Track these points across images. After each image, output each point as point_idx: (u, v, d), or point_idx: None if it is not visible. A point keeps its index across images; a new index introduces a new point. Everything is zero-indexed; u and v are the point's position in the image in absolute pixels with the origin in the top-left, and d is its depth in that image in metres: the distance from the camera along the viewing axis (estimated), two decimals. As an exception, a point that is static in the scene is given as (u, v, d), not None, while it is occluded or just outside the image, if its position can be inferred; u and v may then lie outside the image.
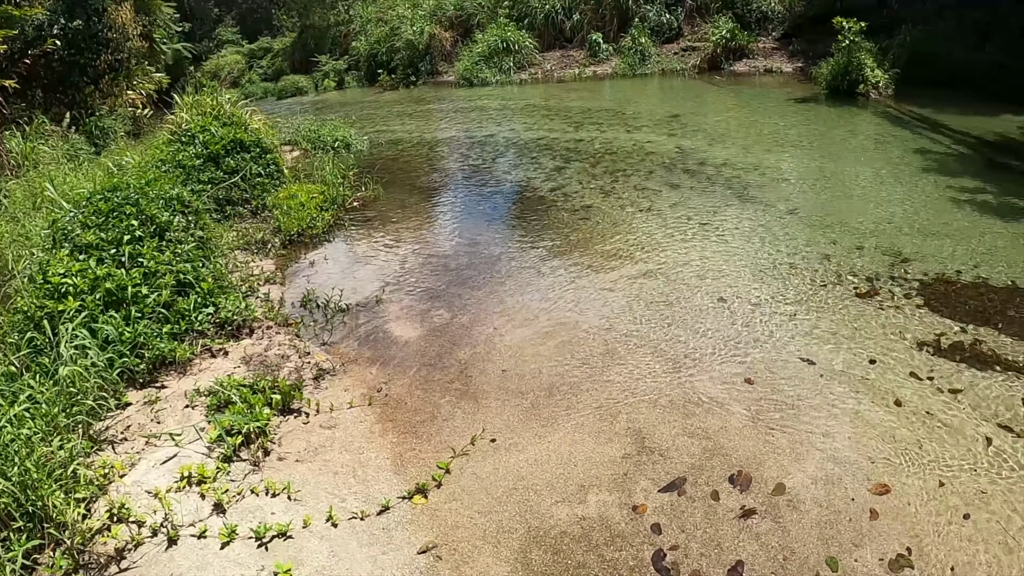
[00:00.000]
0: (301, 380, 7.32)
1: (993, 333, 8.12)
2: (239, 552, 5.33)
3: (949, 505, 5.79)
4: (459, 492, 6.00)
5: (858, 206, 12.37)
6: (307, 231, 11.75)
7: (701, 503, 5.86)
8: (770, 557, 5.37)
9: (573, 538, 5.54)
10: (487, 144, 17.64)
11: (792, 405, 6.94)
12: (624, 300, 9.21)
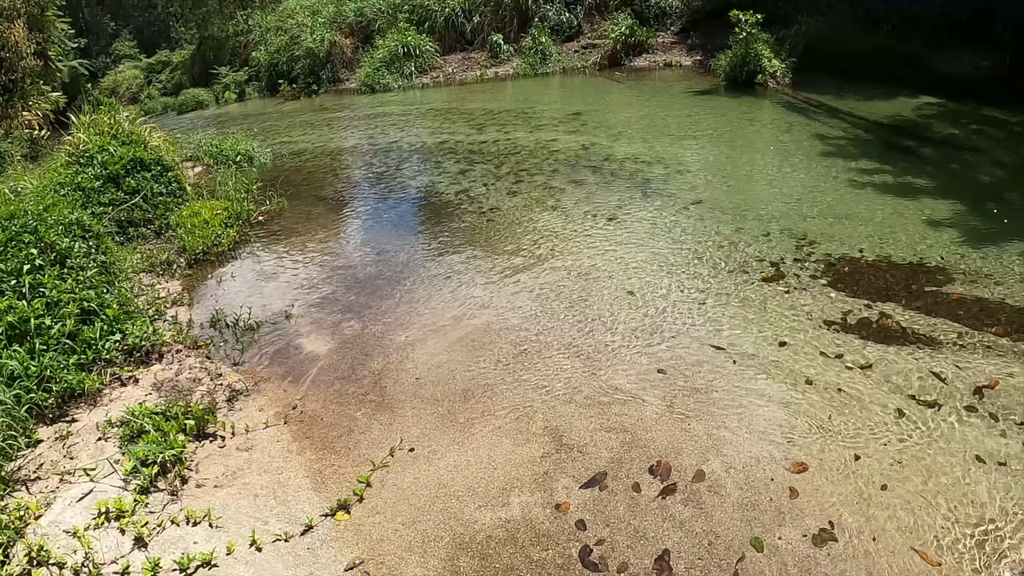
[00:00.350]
0: (214, 403, 7.09)
1: (898, 308, 8.35)
2: None
3: (866, 477, 5.92)
4: (382, 505, 5.87)
5: (761, 193, 12.63)
6: (212, 249, 11.40)
7: (623, 496, 5.85)
8: (695, 543, 5.39)
9: (499, 541, 5.48)
10: (391, 151, 17.45)
11: (706, 392, 7.01)
12: (533, 299, 9.19)
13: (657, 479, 6.02)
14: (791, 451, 6.22)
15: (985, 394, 6.79)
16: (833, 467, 6.03)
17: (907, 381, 7.04)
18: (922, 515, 5.53)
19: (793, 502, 5.73)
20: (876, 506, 5.64)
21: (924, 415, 6.57)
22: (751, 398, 6.92)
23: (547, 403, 7.01)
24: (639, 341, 8.02)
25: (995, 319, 8.01)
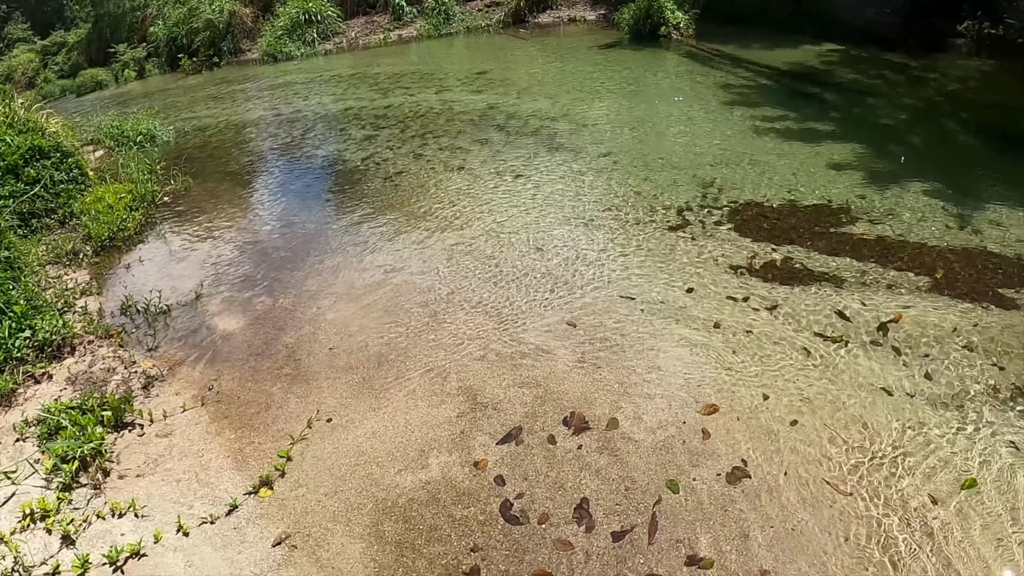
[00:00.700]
0: (130, 392, 6.93)
1: (802, 250, 8.56)
2: None
3: (776, 415, 6.09)
4: (304, 478, 5.85)
5: (667, 144, 12.73)
6: (119, 234, 11.03)
7: (540, 449, 5.93)
8: (612, 490, 5.51)
9: (421, 503, 5.52)
10: (295, 121, 17.06)
11: (616, 342, 7.12)
12: (443, 261, 9.18)
13: (571, 430, 6.10)
14: (701, 394, 6.36)
15: (889, 329, 7.04)
16: (743, 407, 6.19)
17: (813, 320, 7.25)
18: (831, 448, 5.73)
19: (706, 443, 5.87)
20: (786, 442, 5.81)
21: (830, 352, 6.77)
22: (661, 345, 7.04)
23: (460, 363, 7.04)
24: (549, 296, 8.09)
25: (897, 256, 8.28)
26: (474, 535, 5.27)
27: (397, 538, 5.29)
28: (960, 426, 5.90)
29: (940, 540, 5.03)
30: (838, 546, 5.03)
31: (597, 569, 5.00)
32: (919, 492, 5.36)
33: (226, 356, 7.47)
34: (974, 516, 5.18)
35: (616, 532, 5.23)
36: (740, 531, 5.18)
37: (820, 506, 5.30)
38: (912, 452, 5.68)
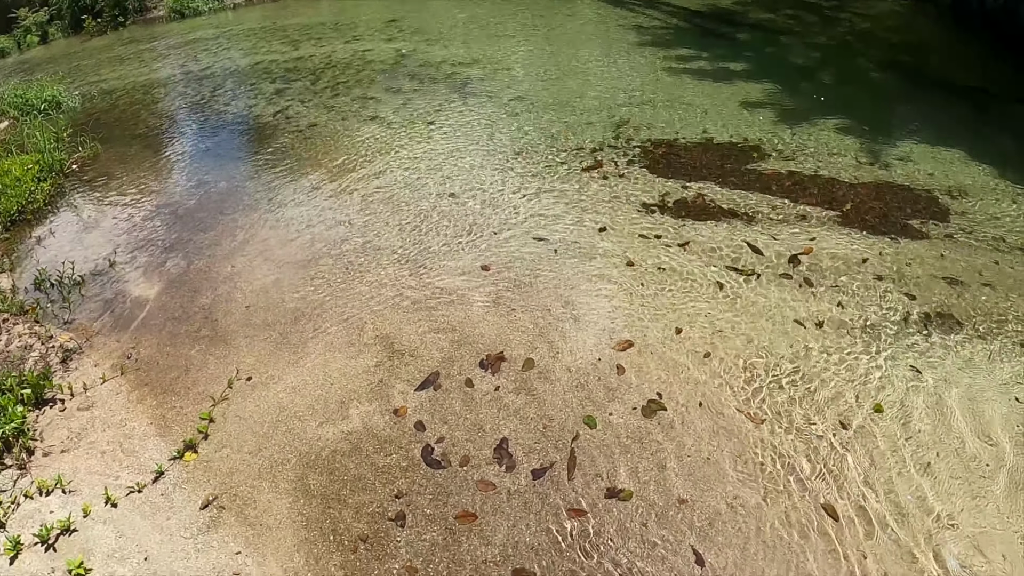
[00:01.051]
0: (49, 367, 6.73)
1: (714, 187, 8.63)
2: (29, 561, 4.94)
3: (689, 348, 6.19)
4: (227, 438, 5.81)
5: (581, 86, 12.63)
6: (28, 207, 10.56)
7: (457, 393, 5.96)
8: (531, 428, 5.59)
9: (344, 454, 5.53)
10: (205, 78, 16.46)
11: (529, 283, 7.15)
12: (357, 212, 9.04)
13: (489, 372, 6.13)
14: (615, 331, 6.44)
15: (800, 261, 7.17)
16: (657, 341, 6.28)
17: (725, 255, 7.35)
18: (743, 379, 5.86)
19: (621, 378, 5.96)
20: (700, 374, 5.94)
21: (742, 285, 6.89)
22: (574, 284, 7.09)
23: (376, 312, 7.00)
24: (462, 241, 8.06)
25: (808, 191, 8.42)
26: (398, 482, 5.31)
27: (323, 490, 5.30)
28: (870, 353, 6.11)
29: (847, 462, 5.26)
30: (751, 473, 5.22)
31: (519, 507, 5.09)
32: (829, 418, 5.56)
33: (143, 323, 7.30)
34: (880, 438, 5.42)
35: (536, 470, 5.32)
36: (657, 462, 5.32)
37: (734, 435, 5.47)
38: (823, 380, 5.89)
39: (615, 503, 5.12)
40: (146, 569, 4.90)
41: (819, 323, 6.42)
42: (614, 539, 4.91)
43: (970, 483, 5.12)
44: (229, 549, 5.02)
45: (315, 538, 5.03)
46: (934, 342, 6.30)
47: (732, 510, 5.03)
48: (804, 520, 4.91)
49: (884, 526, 4.87)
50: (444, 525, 5.07)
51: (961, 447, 5.38)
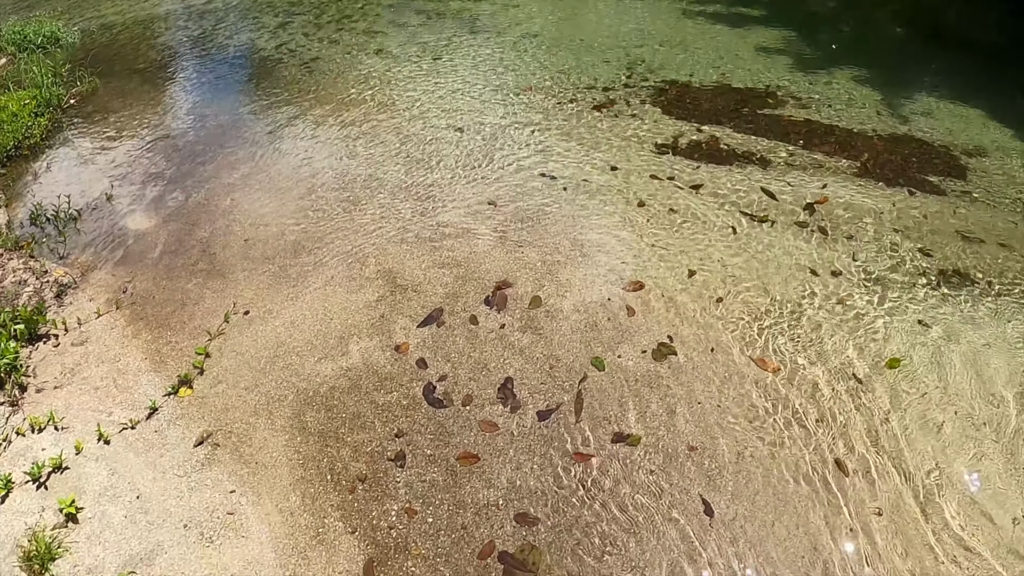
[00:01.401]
0: (43, 302, 6.48)
1: (728, 130, 8.26)
2: (20, 500, 4.75)
3: (701, 291, 5.92)
4: (223, 374, 5.57)
5: (594, 25, 12.14)
6: (24, 142, 10.24)
7: (461, 330, 5.71)
8: (537, 368, 5.34)
9: (343, 391, 5.29)
10: (206, 13, 15.93)
11: (537, 220, 6.84)
12: (360, 146, 8.66)
13: (494, 309, 5.87)
14: (626, 271, 6.15)
15: (816, 210, 6.84)
16: (668, 284, 6.00)
17: (739, 199, 7.02)
18: (756, 326, 5.59)
19: (631, 320, 5.69)
20: (712, 319, 5.66)
21: (757, 230, 6.58)
22: (584, 222, 6.78)
23: (378, 247, 6.71)
24: (468, 176, 7.72)
25: (824, 140, 8.05)
26: (398, 420, 5.09)
27: (320, 428, 5.08)
28: (883, 305, 5.83)
29: (856, 414, 5.04)
30: (763, 422, 4.99)
31: (523, 449, 4.87)
32: (839, 369, 5.31)
33: (139, 257, 7.02)
34: (887, 390, 5.20)
35: (542, 411, 5.09)
36: (667, 407, 5.08)
37: (746, 382, 5.22)
38: (836, 330, 5.61)
39: (623, 448, 4.90)
40: (138, 507, 4.72)
41: (834, 272, 6.15)
42: (621, 485, 4.71)
43: (973, 438, 4.92)
44: (223, 487, 4.83)
45: (312, 477, 4.83)
46: (946, 298, 6.03)
47: (742, 459, 4.82)
48: (813, 472, 4.73)
49: (887, 476, 4.70)
50: (445, 466, 4.86)
51: (967, 404, 5.14)
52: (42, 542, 4.44)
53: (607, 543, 4.44)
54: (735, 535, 4.44)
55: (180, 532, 4.59)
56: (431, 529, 4.53)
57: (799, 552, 4.34)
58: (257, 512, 4.68)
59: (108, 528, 4.60)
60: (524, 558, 4.37)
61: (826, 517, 4.49)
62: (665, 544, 4.41)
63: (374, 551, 4.42)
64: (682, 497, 4.63)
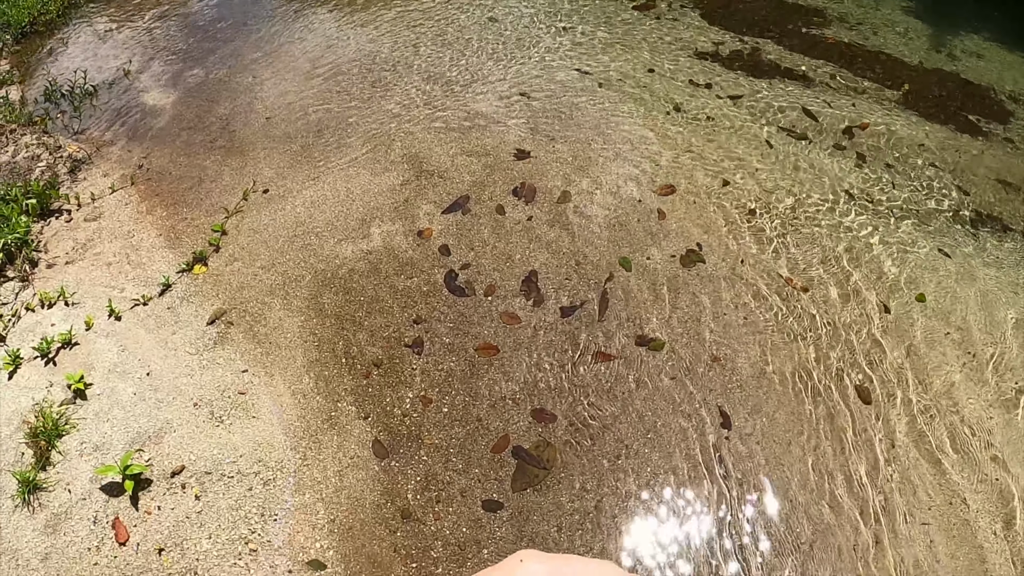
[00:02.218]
0: (56, 177, 6.20)
1: (772, 44, 7.74)
2: (28, 376, 4.56)
3: (735, 202, 5.60)
4: (239, 251, 5.30)
5: None
6: (40, 18, 9.80)
7: (487, 219, 5.41)
8: (562, 263, 5.06)
9: (362, 274, 5.04)
10: None
11: (571, 116, 6.44)
12: (390, 29, 8.08)
13: (522, 201, 5.57)
14: (659, 174, 5.81)
15: (855, 134, 6.44)
16: (701, 191, 5.68)
17: (777, 115, 6.60)
18: (790, 243, 5.29)
19: (661, 223, 5.40)
20: (744, 231, 5.37)
21: (793, 148, 6.21)
22: (618, 121, 6.38)
23: (405, 131, 6.33)
24: (501, 67, 7.24)
25: (869, 66, 7.51)
26: (417, 306, 4.84)
27: (337, 310, 4.84)
28: (916, 238, 5.53)
29: (884, 341, 4.81)
30: (789, 341, 4.74)
31: (544, 344, 4.62)
32: (869, 296, 5.04)
33: (156, 133, 6.68)
34: (915, 322, 4.98)
35: (565, 307, 4.83)
36: (692, 315, 4.83)
37: (775, 298, 4.95)
38: (870, 256, 5.32)
39: (645, 352, 4.66)
40: (148, 384, 4.53)
41: (870, 200, 5.80)
42: (641, 389, 4.48)
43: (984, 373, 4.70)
44: (235, 367, 4.62)
45: (326, 360, 4.62)
46: (980, 239, 5.69)
47: (764, 376, 4.58)
48: (834, 397, 4.52)
49: (906, 406, 4.51)
50: (463, 356, 4.63)
51: (987, 341, 4.92)
52: (49, 418, 4.29)
53: (623, 446, 4.25)
54: (751, 450, 4.26)
55: (190, 410, 4.42)
56: (445, 419, 4.34)
57: (813, 474, 4.18)
58: (269, 393, 4.50)
59: (117, 405, 4.43)
60: (538, 455, 4.18)
61: (843, 443, 4.31)
62: (681, 452, 4.24)
63: (386, 438, 4.24)
64: (701, 407, 4.43)
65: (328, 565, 3.88)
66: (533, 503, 4.04)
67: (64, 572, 3.83)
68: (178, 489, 4.12)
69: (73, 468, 4.17)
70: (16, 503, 4.06)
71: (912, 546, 3.89)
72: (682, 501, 4.05)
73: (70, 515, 4.01)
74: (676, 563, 3.85)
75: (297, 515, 4.02)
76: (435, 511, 4.02)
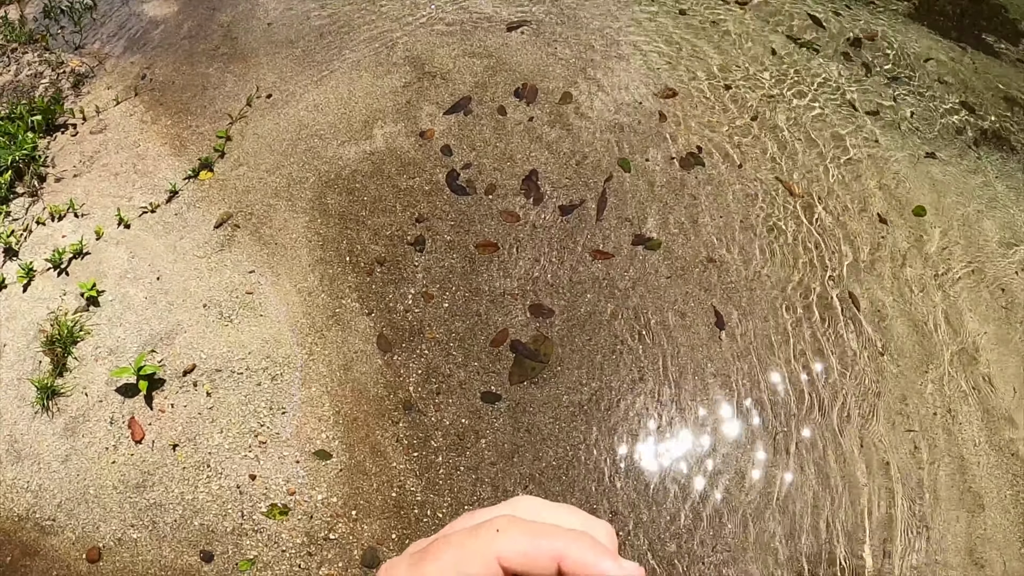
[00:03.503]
0: (60, 92, 6.06)
1: None
2: (42, 287, 4.56)
3: (736, 107, 5.41)
4: (244, 156, 5.20)
5: None
6: (39, -65, 9.54)
7: (489, 120, 5.27)
8: (562, 163, 4.94)
9: (365, 175, 4.95)
10: None
11: (575, 17, 6.16)
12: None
13: (523, 102, 5.42)
14: (660, 77, 5.60)
15: (863, 44, 6.14)
16: (703, 96, 5.48)
17: (784, 21, 6.31)
18: (789, 151, 5.14)
19: (661, 126, 5.24)
20: (745, 136, 5.21)
21: (799, 56, 5.94)
22: (621, 24, 6.10)
23: (408, 32, 6.09)
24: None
25: None
26: (419, 205, 4.76)
27: (341, 210, 4.77)
28: (920, 153, 5.37)
29: (880, 251, 4.77)
30: (784, 245, 4.69)
31: (543, 242, 4.55)
32: (867, 206, 4.95)
33: (158, 43, 6.49)
34: (908, 236, 4.89)
35: (564, 206, 4.73)
36: (690, 216, 4.74)
37: (774, 204, 4.87)
38: (868, 168, 5.16)
39: (642, 251, 4.59)
40: (158, 288, 4.51)
41: (873, 111, 5.58)
42: (637, 287, 4.43)
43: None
44: (243, 268, 4.59)
45: (331, 258, 4.57)
46: (984, 157, 5.48)
47: (758, 279, 4.52)
48: (826, 302, 4.50)
49: (897, 318, 4.49)
50: (464, 253, 4.57)
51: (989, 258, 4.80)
52: (64, 326, 4.30)
53: (618, 342, 4.21)
54: (743, 351, 4.24)
55: (199, 312, 4.41)
56: (446, 314, 4.31)
57: (802, 377, 4.18)
58: (276, 292, 4.47)
59: (129, 309, 4.43)
60: (536, 348, 4.16)
61: (833, 348, 4.28)
62: (674, 349, 4.21)
63: (390, 332, 4.23)
64: (696, 306, 4.38)
65: (333, 455, 3.91)
66: (530, 395, 4.04)
67: (84, 472, 3.90)
68: (190, 387, 4.14)
69: (89, 372, 4.20)
70: (36, 410, 4.11)
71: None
72: (671, 396, 4.04)
73: (87, 418, 4.06)
74: (668, 450, 3.86)
75: (304, 408, 4.04)
76: (436, 403, 4.02)
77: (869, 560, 3.71)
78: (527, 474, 3.91)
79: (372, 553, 3.67)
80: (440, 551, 0.51)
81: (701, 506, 3.82)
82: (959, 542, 3.81)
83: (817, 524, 3.80)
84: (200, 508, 3.82)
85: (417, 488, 3.85)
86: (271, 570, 3.67)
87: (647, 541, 3.74)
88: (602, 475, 3.90)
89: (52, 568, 3.70)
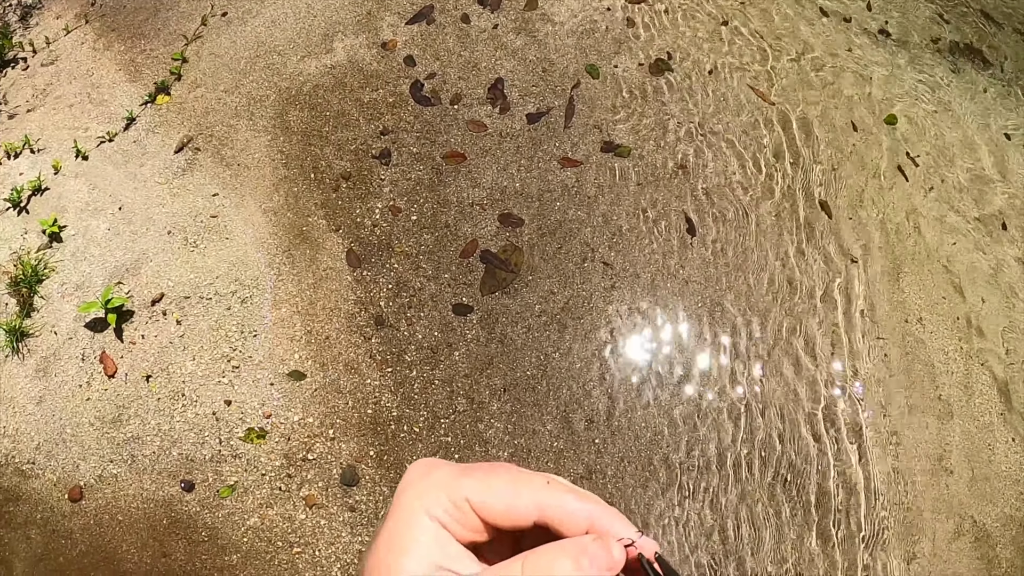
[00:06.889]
0: (7, 26, 5.56)
1: None
2: (2, 227, 4.20)
3: (707, 12, 4.98)
4: (202, 77, 4.72)
5: None
6: None
7: (452, 28, 4.82)
8: (529, 71, 4.53)
9: (327, 89, 4.52)
10: None
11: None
12: None
13: (487, 9, 4.97)
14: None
15: None
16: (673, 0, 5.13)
17: None
18: (757, 57, 4.75)
19: (630, 31, 4.78)
20: (715, 42, 4.79)
21: None
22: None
23: (363, -62, 5.67)
24: None
25: None
26: (384, 118, 4.36)
27: (303, 127, 4.36)
28: (891, 63, 4.97)
29: (850, 160, 4.51)
30: (755, 154, 4.40)
31: (511, 150, 4.17)
32: (839, 114, 4.62)
33: (107, -35, 6.00)
34: (881, 143, 4.63)
35: (531, 114, 4.34)
36: (659, 123, 4.35)
37: (743, 110, 4.49)
38: (840, 77, 4.83)
39: (612, 158, 4.23)
40: (121, 219, 4.13)
41: (846, 18, 5.19)
42: (607, 194, 4.08)
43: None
44: (206, 191, 4.20)
45: (295, 176, 4.19)
46: (956, 69, 5.13)
47: (729, 185, 4.20)
48: (798, 210, 4.23)
49: (868, 226, 4.28)
50: (431, 164, 4.19)
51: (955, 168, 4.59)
52: (28, 265, 3.95)
53: (588, 249, 3.90)
54: (714, 256, 3.97)
55: (164, 239, 4.05)
56: (414, 227, 3.97)
57: (772, 283, 3.96)
58: (240, 214, 4.10)
59: (92, 243, 4.07)
60: (506, 258, 3.85)
61: (803, 255, 4.05)
62: (646, 256, 3.93)
63: (359, 248, 3.93)
64: (666, 212, 4.07)
65: (307, 375, 3.64)
66: (501, 306, 3.76)
67: (59, 412, 3.64)
68: (159, 316, 3.83)
69: (56, 310, 3.89)
70: (6, 353, 3.82)
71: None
72: (644, 303, 3.80)
73: (58, 356, 3.78)
74: (642, 356, 3.64)
75: (275, 329, 3.75)
76: (407, 317, 3.74)
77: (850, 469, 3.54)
78: (501, 385, 3.66)
79: (351, 471, 3.44)
80: (496, 471, 0.53)
81: (676, 412, 3.62)
82: (929, 449, 3.65)
83: (800, 432, 3.62)
84: (178, 438, 3.56)
85: (393, 404, 3.59)
86: (252, 495, 3.44)
87: (622, 449, 3.54)
88: (576, 383, 3.68)
89: (35, 511, 3.46)
